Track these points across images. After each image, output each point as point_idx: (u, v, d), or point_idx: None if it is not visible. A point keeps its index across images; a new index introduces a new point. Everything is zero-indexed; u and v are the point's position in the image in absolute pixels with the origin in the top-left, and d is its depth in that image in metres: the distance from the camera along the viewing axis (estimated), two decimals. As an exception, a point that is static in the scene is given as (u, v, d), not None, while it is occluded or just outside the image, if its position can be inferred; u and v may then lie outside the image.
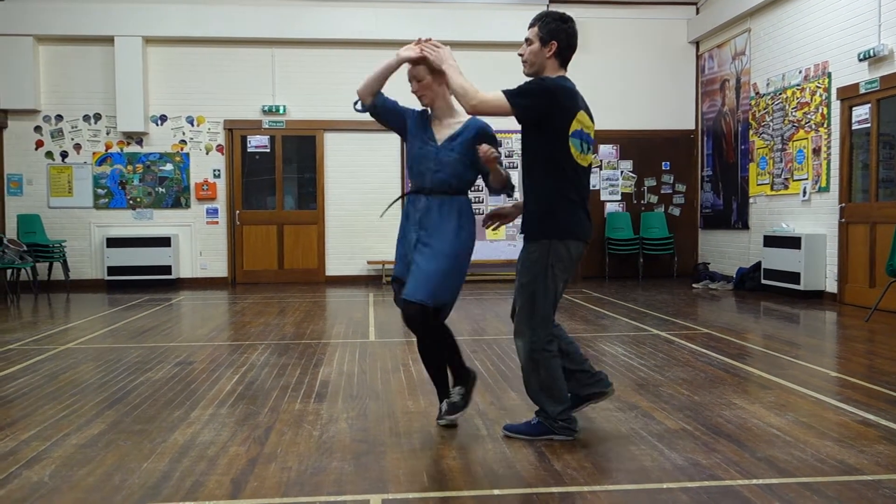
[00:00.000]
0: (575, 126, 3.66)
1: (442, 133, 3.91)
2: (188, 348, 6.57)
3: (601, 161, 12.90)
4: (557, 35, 3.70)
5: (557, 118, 3.64)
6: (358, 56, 12.35)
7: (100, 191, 12.15)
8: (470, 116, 3.85)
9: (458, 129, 3.88)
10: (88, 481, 3.27)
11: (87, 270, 12.09)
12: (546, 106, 3.62)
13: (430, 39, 3.85)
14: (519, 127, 3.75)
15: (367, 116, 4.19)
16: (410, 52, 3.87)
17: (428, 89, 3.89)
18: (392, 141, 12.44)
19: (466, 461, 3.51)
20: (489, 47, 12.21)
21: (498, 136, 3.96)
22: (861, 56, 8.75)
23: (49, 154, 12.05)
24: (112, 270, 11.86)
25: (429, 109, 4.01)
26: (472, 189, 4.05)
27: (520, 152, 12.67)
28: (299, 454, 3.63)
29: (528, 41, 3.76)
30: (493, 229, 4.11)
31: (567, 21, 3.75)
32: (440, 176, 3.86)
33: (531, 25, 3.76)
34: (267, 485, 3.22)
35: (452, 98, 3.85)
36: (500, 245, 12.71)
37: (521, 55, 3.80)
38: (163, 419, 4.26)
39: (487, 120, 3.80)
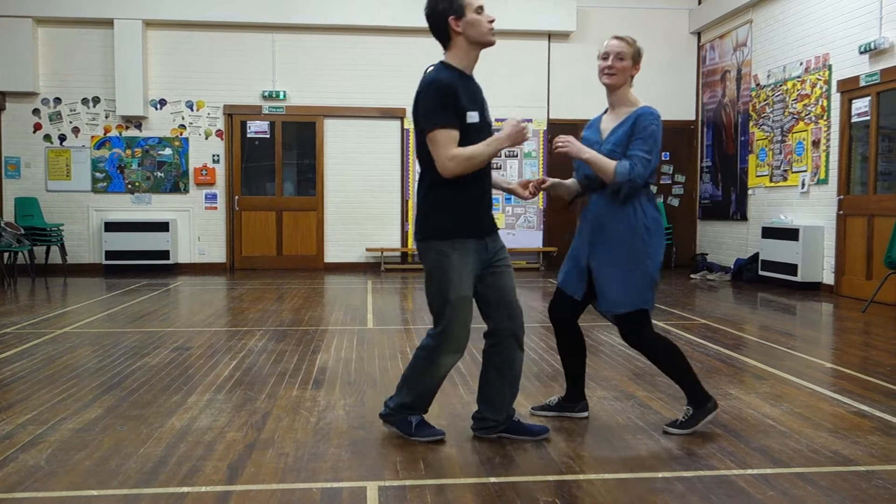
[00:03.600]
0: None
1: (608, 125, 3.81)
2: (186, 334, 6.57)
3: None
4: None
5: None
6: (359, 42, 12.33)
7: (98, 174, 12.13)
8: (639, 105, 3.77)
9: (621, 120, 3.75)
10: (85, 465, 3.28)
11: (85, 254, 12.08)
12: None
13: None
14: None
15: (366, 101, 4.09)
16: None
17: (622, 73, 3.74)
18: (393, 128, 12.44)
19: (463, 449, 3.53)
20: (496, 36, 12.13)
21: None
22: (862, 49, 8.73)
23: (47, 137, 12.02)
24: (110, 255, 11.85)
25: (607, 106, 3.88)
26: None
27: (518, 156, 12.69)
28: (296, 440, 3.64)
29: None
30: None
31: None
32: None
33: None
34: (264, 471, 3.23)
35: (631, 92, 3.82)
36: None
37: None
38: (160, 404, 4.27)
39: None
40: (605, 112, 3.91)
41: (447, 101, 3.35)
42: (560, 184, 3.99)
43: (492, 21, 3.49)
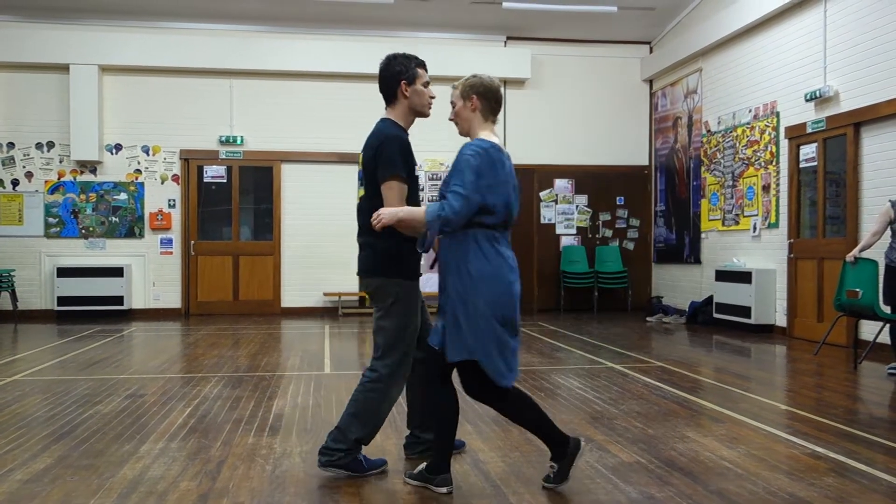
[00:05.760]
0: None
1: None
2: (139, 380, 6.44)
3: (556, 195, 13.05)
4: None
5: None
6: (315, 88, 12.40)
7: (51, 219, 11.93)
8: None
9: None
10: (33, 518, 3.18)
11: (36, 301, 11.82)
12: None
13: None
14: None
15: (324, 146, 4.15)
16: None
17: (458, 118, 3.56)
18: (350, 173, 12.42)
19: (422, 496, 3.49)
20: (447, 82, 12.29)
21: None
22: (808, 97, 9.01)
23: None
24: (62, 301, 11.61)
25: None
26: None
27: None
28: (252, 489, 3.57)
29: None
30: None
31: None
32: None
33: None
34: (218, 521, 3.16)
35: (480, 130, 3.52)
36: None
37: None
38: (112, 453, 4.17)
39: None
40: None
41: (406, 157, 3.67)
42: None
43: (433, 97, 3.90)
